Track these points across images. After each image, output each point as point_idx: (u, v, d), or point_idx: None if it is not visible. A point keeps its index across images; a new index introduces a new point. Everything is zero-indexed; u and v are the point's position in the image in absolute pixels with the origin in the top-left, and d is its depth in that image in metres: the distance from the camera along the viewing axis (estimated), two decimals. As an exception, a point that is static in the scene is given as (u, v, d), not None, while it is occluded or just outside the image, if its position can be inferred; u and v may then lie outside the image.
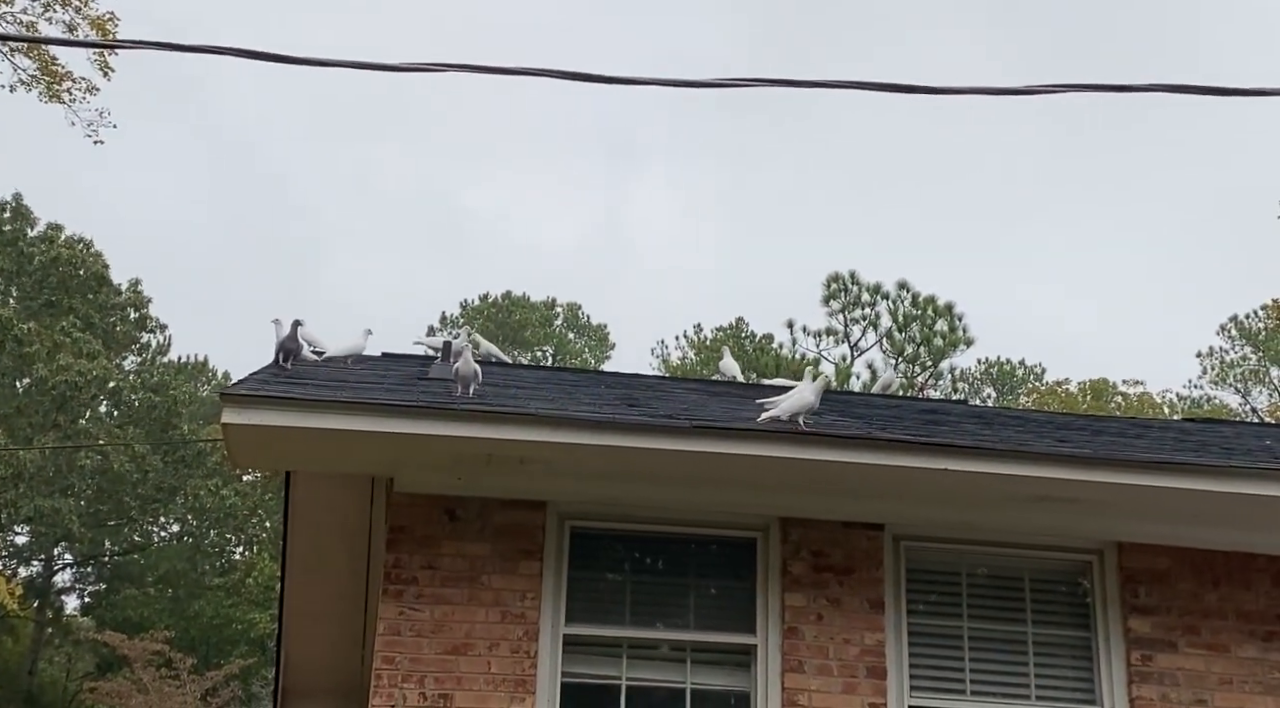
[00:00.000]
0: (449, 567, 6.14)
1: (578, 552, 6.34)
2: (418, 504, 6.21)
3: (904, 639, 6.32)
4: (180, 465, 38.74)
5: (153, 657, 27.98)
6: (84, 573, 42.97)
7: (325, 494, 6.90)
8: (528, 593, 6.13)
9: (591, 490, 6.29)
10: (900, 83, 4.71)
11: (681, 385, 9.19)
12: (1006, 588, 6.57)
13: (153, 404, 39.02)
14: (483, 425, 6.00)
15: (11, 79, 19.85)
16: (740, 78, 5.01)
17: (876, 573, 6.37)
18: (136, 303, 42.07)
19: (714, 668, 6.28)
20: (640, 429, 6.14)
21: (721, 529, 6.47)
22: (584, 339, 52.07)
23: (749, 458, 6.10)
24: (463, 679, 5.95)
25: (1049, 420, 8.64)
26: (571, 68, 4.79)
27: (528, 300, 51.26)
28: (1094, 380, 42.56)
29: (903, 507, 6.39)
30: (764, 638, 6.24)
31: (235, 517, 39.64)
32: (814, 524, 6.38)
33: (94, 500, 38.46)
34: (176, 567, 40.11)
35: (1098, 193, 63.95)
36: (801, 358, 34.23)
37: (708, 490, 6.30)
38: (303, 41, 60.37)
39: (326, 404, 5.98)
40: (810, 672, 6.14)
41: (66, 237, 40.47)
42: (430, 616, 6.04)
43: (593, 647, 6.22)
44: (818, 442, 6.15)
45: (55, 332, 37.33)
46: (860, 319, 35.38)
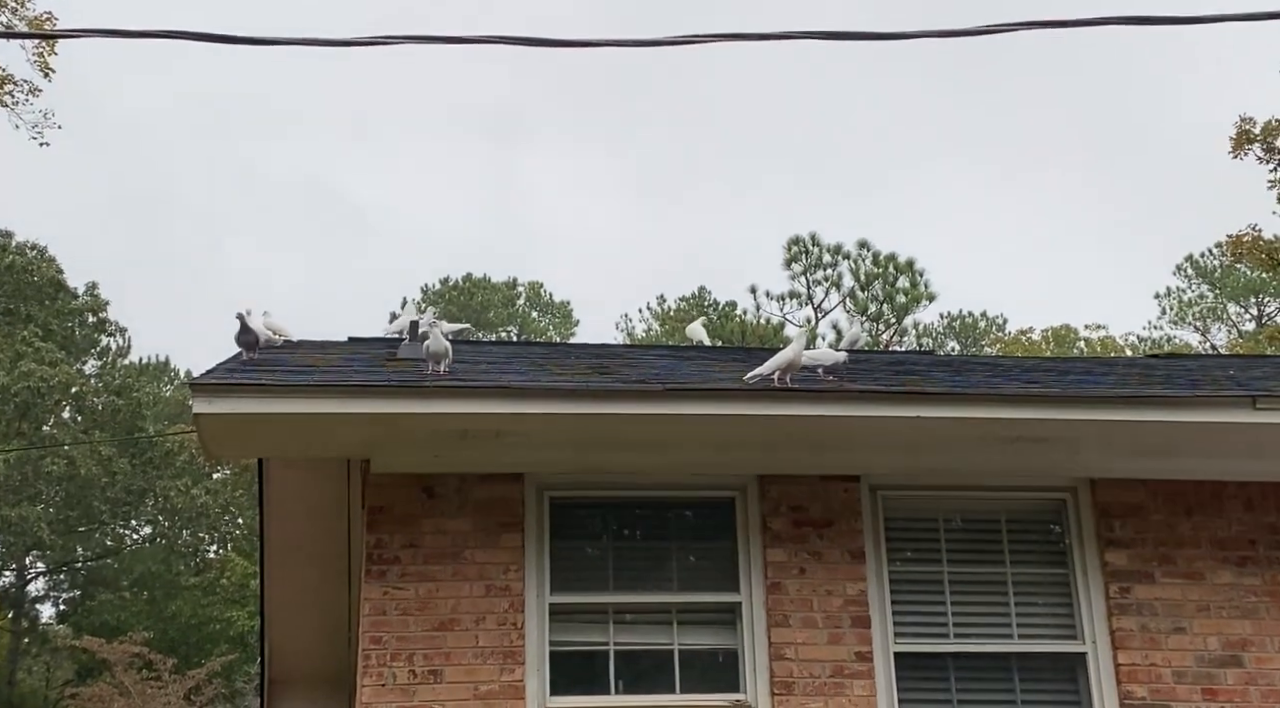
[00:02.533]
0: (431, 544, 6.14)
1: (558, 522, 6.36)
2: (396, 484, 6.20)
3: (886, 588, 6.38)
4: (149, 467, 38.46)
5: (133, 660, 27.85)
6: (57, 580, 42.64)
7: (300, 481, 6.88)
8: (511, 565, 6.15)
9: (568, 460, 6.30)
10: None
11: (651, 353, 9.20)
12: (984, 531, 6.65)
13: (116, 407, 38.68)
14: (456, 401, 6.00)
15: (-49, 84, 19.55)
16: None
17: (855, 524, 6.43)
18: (94, 307, 41.64)
19: (700, 628, 6.32)
20: (613, 395, 6.16)
21: (700, 490, 6.51)
22: (548, 317, 52.00)
23: (723, 418, 6.13)
24: (451, 654, 5.97)
25: (1016, 364, 8.72)
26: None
27: (489, 282, 51.09)
28: (1056, 328, 42.94)
29: (878, 457, 6.44)
30: (748, 595, 6.29)
31: (207, 515, 39.42)
32: (791, 480, 6.42)
33: (63, 507, 38.12)
34: (151, 569, 39.87)
35: (1031, 141, 64.27)
36: (766, 322, 34.35)
37: (684, 453, 6.32)
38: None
39: (297, 389, 5.95)
40: (795, 625, 6.20)
41: (18, 243, 39.96)
42: (415, 593, 6.04)
43: (579, 614, 6.25)
44: (790, 397, 6.19)
45: (16, 341, 36.88)
46: (823, 280, 35.53)
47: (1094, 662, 6.38)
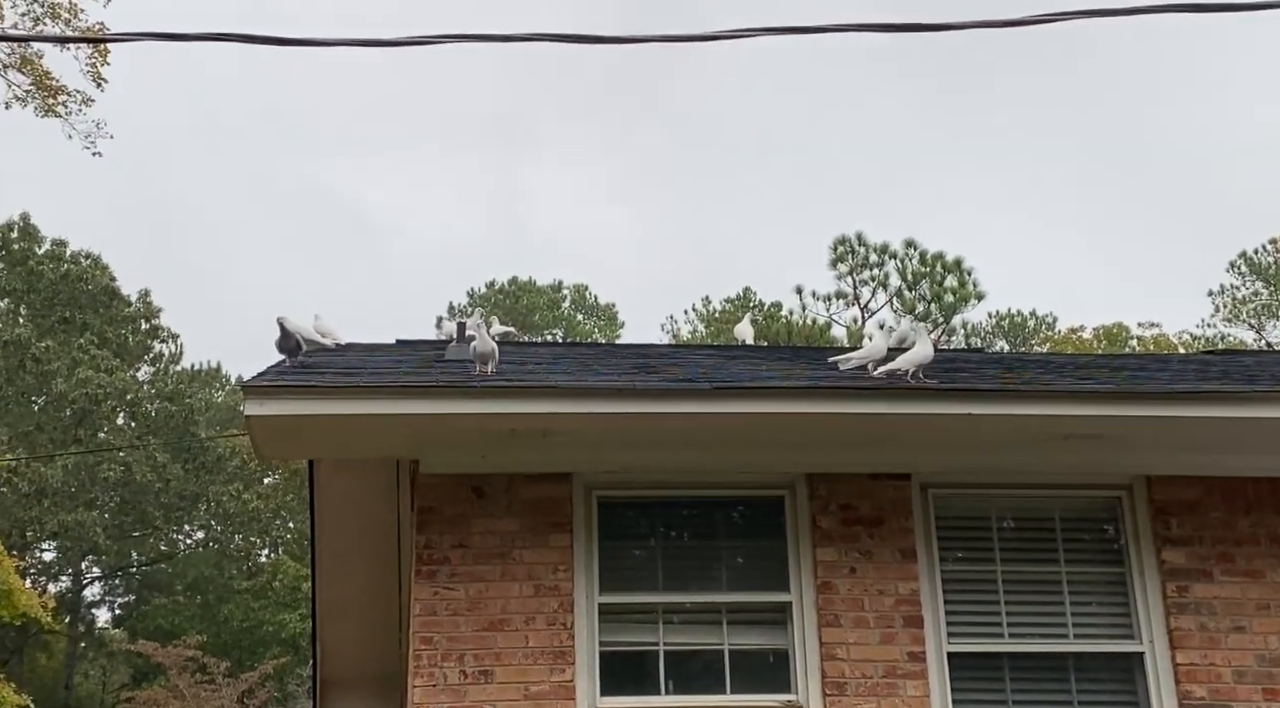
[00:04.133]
0: (480, 544, 6.15)
1: (606, 521, 6.34)
2: (445, 484, 6.21)
3: (938, 587, 6.32)
4: (201, 472, 38.90)
5: (187, 663, 28.16)
6: (113, 585, 43.21)
7: (350, 483, 6.91)
8: (560, 565, 6.14)
9: (616, 459, 6.29)
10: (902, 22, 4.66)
11: (697, 352, 9.17)
12: (1037, 529, 6.57)
13: (170, 413, 39.17)
14: (504, 401, 6.01)
15: (6, 96, 19.85)
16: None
17: (906, 523, 6.37)
18: (147, 314, 42.17)
19: (750, 628, 6.29)
20: (660, 394, 6.14)
21: (748, 489, 6.47)
22: (593, 320, 52.08)
23: (771, 416, 6.09)
24: (501, 654, 5.97)
25: (1068, 361, 8.61)
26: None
27: (534, 285, 51.26)
28: (1108, 326, 42.42)
29: (929, 455, 6.38)
30: (798, 595, 6.25)
31: (259, 520, 39.82)
32: (841, 478, 6.38)
33: (118, 512, 38.64)
34: (204, 573, 40.30)
35: (1072, 138, 63.58)
36: (812, 323, 34.22)
37: (732, 451, 6.30)
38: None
39: (346, 390, 5.98)
40: (847, 625, 6.15)
41: (72, 252, 40.57)
42: (465, 594, 6.05)
43: (628, 614, 6.23)
44: (839, 395, 6.15)
45: (72, 348, 37.44)
46: (869, 280, 35.34)
47: (1151, 662, 6.28)
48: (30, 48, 19.54)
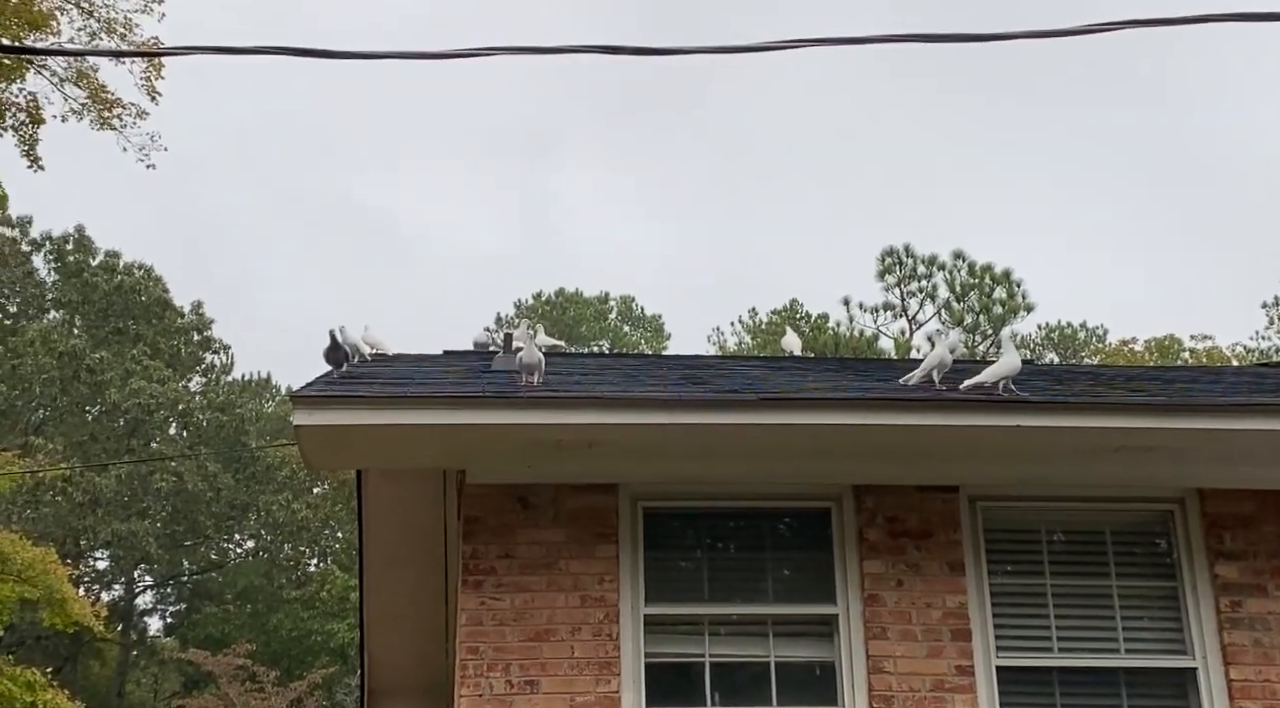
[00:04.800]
0: (526, 554, 6.17)
1: (652, 532, 6.34)
2: (491, 494, 6.24)
3: (987, 600, 6.26)
4: (251, 482, 39.30)
5: (237, 672, 28.43)
6: (164, 594, 43.69)
7: (397, 492, 6.95)
8: (605, 576, 6.14)
9: (662, 470, 6.28)
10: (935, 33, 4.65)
11: (744, 363, 9.16)
12: (1088, 542, 6.49)
13: (221, 423, 39.60)
14: (550, 411, 6.03)
15: (63, 109, 20.19)
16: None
17: (954, 535, 6.32)
18: (199, 325, 42.70)
19: (797, 640, 6.26)
20: (706, 405, 6.13)
21: (794, 501, 6.45)
22: (639, 331, 52.14)
23: (818, 427, 6.07)
24: (547, 665, 5.98)
25: (1119, 373, 8.52)
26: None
27: (581, 296, 51.42)
28: (1160, 338, 41.90)
29: (977, 467, 6.33)
30: (845, 607, 6.21)
31: (308, 530, 40.14)
32: (888, 490, 6.34)
33: (170, 521, 39.10)
34: (254, 582, 40.67)
35: (1118, 148, 62.84)
36: (859, 334, 34.07)
37: (778, 463, 6.28)
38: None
39: (393, 400, 6.02)
40: (894, 638, 6.10)
41: (125, 264, 41.15)
42: (511, 604, 6.07)
43: (674, 626, 6.22)
44: (886, 406, 6.11)
45: (126, 359, 37.96)
46: (917, 292, 35.14)
47: (1205, 678, 6.19)
48: (87, 62, 19.87)
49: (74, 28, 19.90)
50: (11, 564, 19.20)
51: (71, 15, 20.00)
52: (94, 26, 19.96)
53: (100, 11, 20.01)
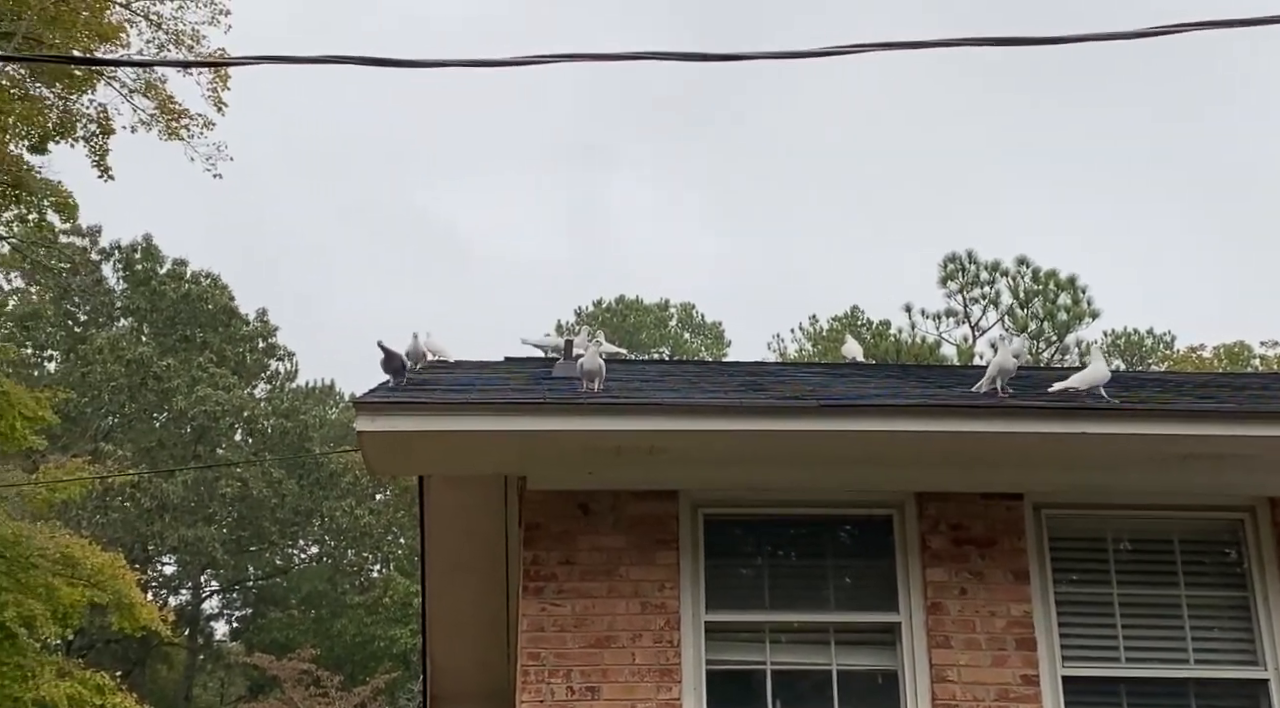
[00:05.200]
0: (586, 561, 6.18)
1: (713, 539, 6.33)
2: (551, 501, 6.26)
3: (1052, 609, 6.18)
4: (315, 488, 39.72)
5: (301, 676, 28.72)
6: (230, 598, 44.25)
7: (459, 499, 6.99)
8: (666, 583, 6.14)
9: (722, 477, 6.27)
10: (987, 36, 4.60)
11: (804, 370, 9.12)
12: (1156, 551, 6.39)
13: (285, 430, 40.08)
14: (610, 418, 6.03)
15: (132, 120, 20.57)
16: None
17: (1019, 543, 6.24)
18: (264, 333, 43.25)
19: (859, 648, 6.22)
20: (766, 412, 6.11)
21: (856, 508, 6.41)
22: (700, 338, 52.10)
23: (879, 434, 6.03)
24: (608, 672, 5.98)
25: (1188, 380, 8.39)
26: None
27: (641, 303, 51.49)
28: (1229, 345, 41.15)
29: (1042, 474, 6.25)
30: (907, 615, 6.16)
31: (370, 536, 40.50)
32: (951, 497, 6.28)
33: (235, 527, 39.61)
34: (317, 588, 41.09)
35: (1177, 154, 61.82)
36: (921, 341, 33.80)
37: (839, 470, 6.24)
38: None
39: (455, 406, 6.06)
40: (958, 647, 6.04)
41: (193, 272, 41.79)
42: (572, 610, 6.08)
43: (735, 633, 6.20)
44: (949, 413, 6.06)
45: (192, 367, 38.54)
46: (980, 298, 34.80)
47: (1277, 689, 6.06)
48: (155, 73, 20.25)
49: (143, 40, 20.31)
50: (81, 569, 19.54)
51: (140, 28, 20.42)
52: (162, 38, 20.34)
53: (169, 24, 20.41)
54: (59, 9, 19.16)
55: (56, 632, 20.28)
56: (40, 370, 39.49)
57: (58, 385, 29.06)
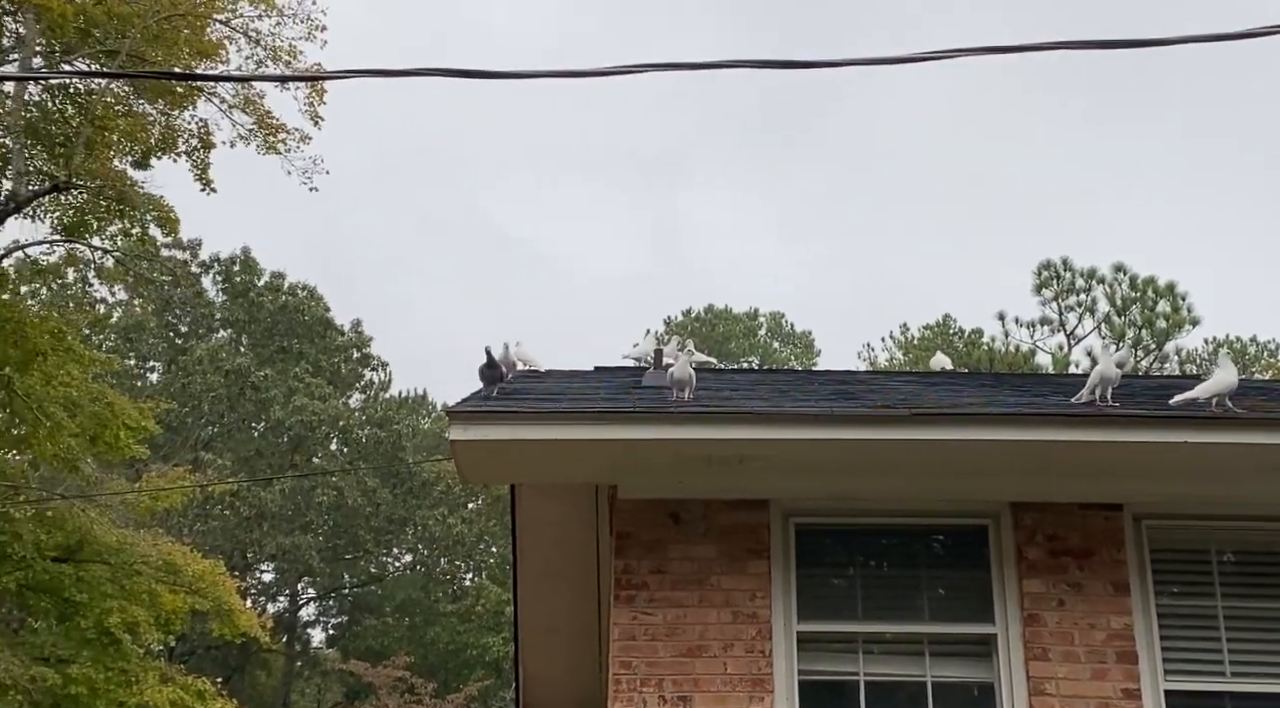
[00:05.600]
0: (677, 570, 6.17)
1: (804, 548, 6.29)
2: (642, 509, 6.27)
3: (1154, 622, 6.04)
4: (409, 497, 40.23)
5: (396, 683, 29.10)
6: (327, 606, 44.96)
7: (550, 507, 7.04)
8: (757, 592, 6.11)
9: (813, 486, 6.24)
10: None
11: (896, 378, 9.03)
12: (1264, 563, 6.22)
13: (379, 439, 40.67)
14: (701, 426, 6.03)
15: (231, 135, 21.05)
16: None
17: (1118, 555, 6.12)
18: (359, 343, 43.93)
19: (954, 660, 6.13)
20: (858, 420, 6.06)
21: (950, 518, 6.33)
22: (789, 347, 51.83)
23: (974, 443, 5.95)
24: (700, 681, 5.97)
25: (1294, 387, 8.14)
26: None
27: (730, 313, 51.38)
28: (1337, 352, 39.88)
29: (1142, 484, 6.12)
30: (1004, 627, 6.07)
31: (463, 544, 40.90)
32: (1048, 508, 6.18)
33: (331, 535, 40.26)
34: (411, 595, 41.58)
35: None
36: (1015, 350, 33.27)
37: (932, 479, 6.17)
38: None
39: (546, 415, 6.10)
40: (1056, 659, 5.93)
41: (290, 284, 42.60)
42: (663, 619, 6.08)
43: (827, 643, 6.16)
44: (1046, 422, 5.97)
45: (289, 377, 39.29)
46: (1075, 306, 34.16)
47: (1392, 707, 5.86)
48: (253, 89, 20.71)
49: (242, 56, 20.77)
50: (183, 576, 19.98)
51: (239, 44, 20.89)
52: (260, 54, 20.79)
53: (266, 40, 20.86)
54: (161, 27, 19.68)
55: (159, 638, 20.73)
56: (143, 381, 40.54)
57: (160, 396, 29.86)
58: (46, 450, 19.87)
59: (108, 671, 18.72)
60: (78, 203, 20.80)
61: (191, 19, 20.22)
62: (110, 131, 20.42)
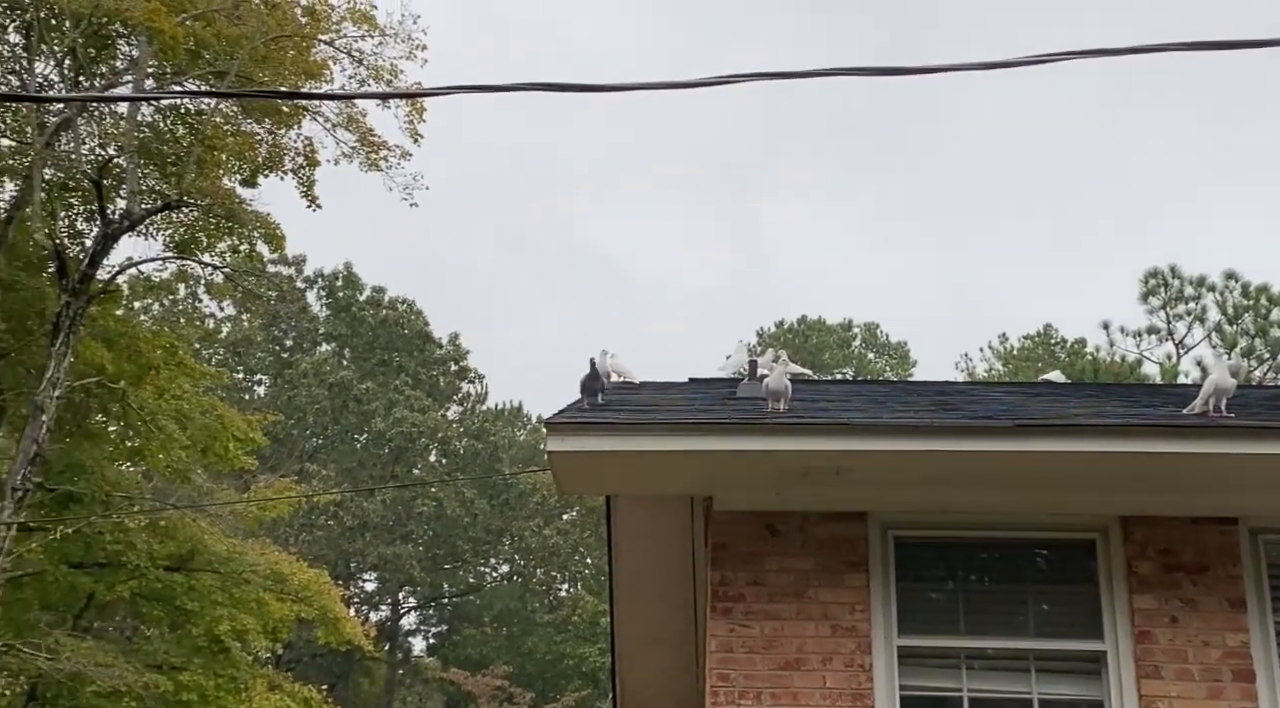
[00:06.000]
0: (775, 582, 6.11)
1: (903, 561, 6.18)
2: (738, 521, 6.21)
3: (1272, 640, 5.83)
4: (505, 508, 40.56)
5: (495, 692, 29.32)
6: (427, 615, 45.50)
7: (646, 518, 7.02)
8: (856, 605, 6.02)
9: (913, 498, 6.13)
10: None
11: (997, 389, 8.86)
12: (1389, 580, 5.96)
13: (476, 451, 41.09)
14: (797, 438, 5.96)
15: (335, 152, 21.49)
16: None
17: (1234, 570, 5.91)
18: (456, 356, 44.46)
19: (1061, 677, 5.97)
20: (959, 432, 5.95)
21: (1055, 531, 6.17)
22: (884, 358, 51.29)
23: (1080, 455, 5.80)
24: (799, 695, 5.89)
25: None
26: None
27: (824, 323, 51.02)
28: None
29: (1260, 498, 5.91)
30: (1113, 644, 5.90)
31: (558, 555, 41.12)
32: (1159, 521, 5.99)
33: (431, 545, 40.75)
34: (509, 606, 41.90)
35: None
36: (1121, 360, 32.52)
37: (1036, 492, 6.03)
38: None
39: (642, 427, 6.08)
40: (1168, 677, 5.75)
41: (390, 298, 43.28)
42: (761, 631, 6.02)
43: (928, 658, 6.04)
44: (1157, 433, 5.79)
45: (389, 389, 39.90)
46: (1184, 315, 33.28)
47: None
48: (356, 107, 21.10)
49: (345, 75, 21.21)
50: (290, 585, 20.37)
51: (343, 64, 21.33)
52: (363, 74, 21.20)
53: (369, 59, 21.26)
54: (269, 49, 20.18)
55: (267, 645, 21.17)
56: (250, 394, 41.46)
57: (266, 408, 30.47)
58: (159, 462, 20.44)
59: (218, 678, 19.14)
60: (188, 220, 21.40)
61: (297, 40, 20.69)
62: (220, 151, 20.97)
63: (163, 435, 19.97)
